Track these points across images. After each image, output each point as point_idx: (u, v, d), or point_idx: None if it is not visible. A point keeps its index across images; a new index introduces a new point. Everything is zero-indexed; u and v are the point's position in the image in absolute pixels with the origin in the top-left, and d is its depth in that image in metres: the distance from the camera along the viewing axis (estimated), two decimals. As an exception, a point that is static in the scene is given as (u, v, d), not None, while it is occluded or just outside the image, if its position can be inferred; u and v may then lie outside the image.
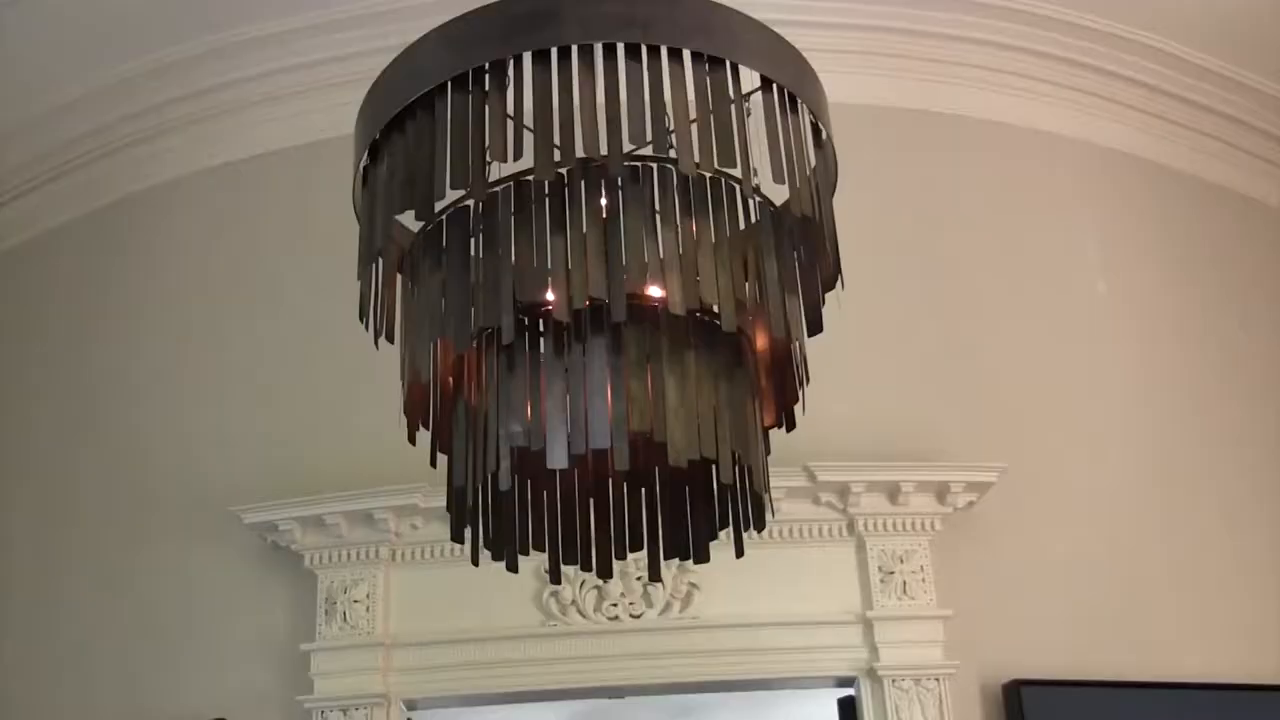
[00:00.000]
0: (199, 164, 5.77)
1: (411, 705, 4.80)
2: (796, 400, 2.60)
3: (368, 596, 4.80)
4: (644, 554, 2.77)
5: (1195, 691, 4.81)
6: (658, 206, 2.26)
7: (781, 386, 2.63)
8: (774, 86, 2.31)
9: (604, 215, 2.26)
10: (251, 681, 4.89)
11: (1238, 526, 5.27)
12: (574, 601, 4.75)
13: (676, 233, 2.26)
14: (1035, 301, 5.46)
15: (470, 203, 2.33)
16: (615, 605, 4.76)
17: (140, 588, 5.14)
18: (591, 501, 2.75)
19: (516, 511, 2.67)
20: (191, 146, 5.77)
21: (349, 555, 4.84)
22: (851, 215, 3.00)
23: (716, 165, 2.21)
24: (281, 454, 5.16)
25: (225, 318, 5.47)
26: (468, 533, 2.61)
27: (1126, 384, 5.41)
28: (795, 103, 2.34)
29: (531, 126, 2.17)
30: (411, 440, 2.58)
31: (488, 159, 2.20)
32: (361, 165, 2.41)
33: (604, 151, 2.14)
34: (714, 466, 2.51)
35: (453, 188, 2.22)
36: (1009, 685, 4.72)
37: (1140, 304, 5.60)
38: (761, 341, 2.57)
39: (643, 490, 2.76)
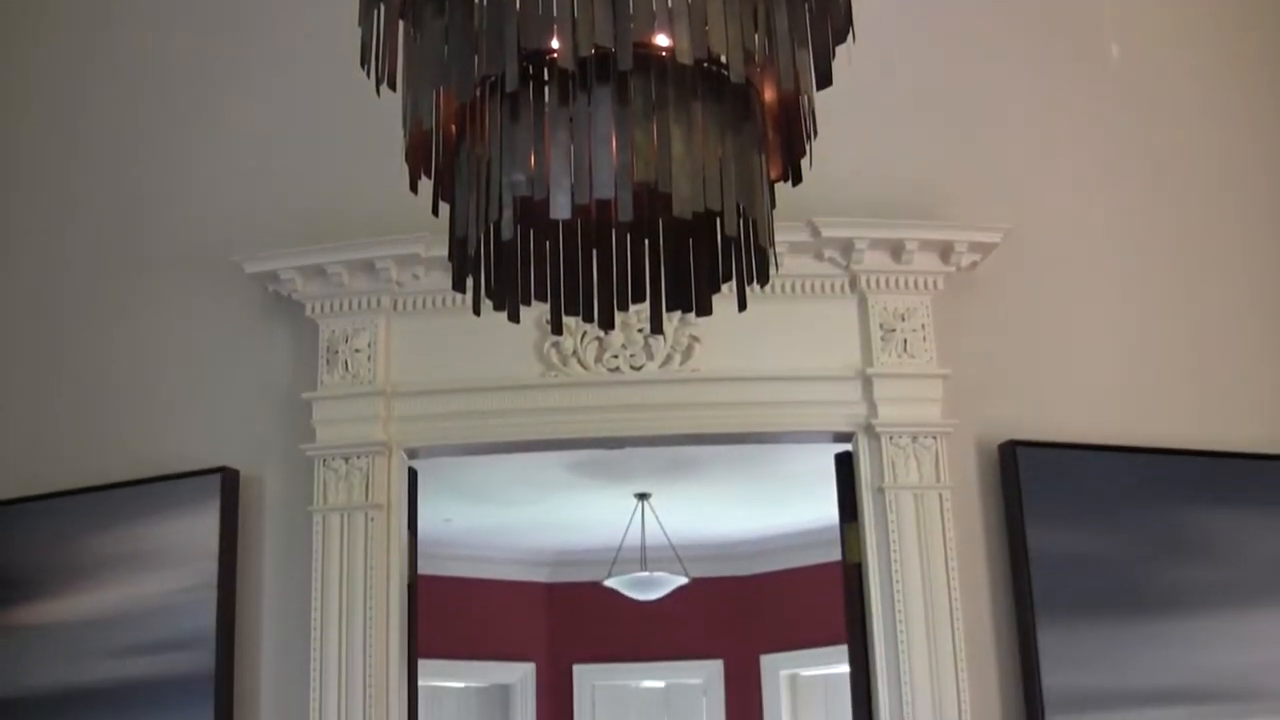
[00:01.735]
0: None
1: (412, 453, 4.86)
2: (804, 154, 2.56)
3: (369, 346, 4.83)
4: (646, 305, 2.77)
5: (1191, 458, 4.87)
6: (666, -47, 2.21)
7: (788, 140, 2.60)
8: None
9: (611, -40, 2.20)
10: (254, 431, 4.94)
11: (1240, 297, 5.27)
12: (575, 352, 4.78)
13: (685, -19, 2.21)
14: (1049, 62, 5.36)
15: (474, -56, 2.27)
16: (616, 357, 4.79)
17: (141, 339, 5.17)
18: (594, 252, 2.73)
19: (518, 261, 2.66)
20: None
21: (350, 305, 4.85)
22: (864, -35, 2.92)
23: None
24: (282, 204, 5.13)
25: (223, 66, 5.38)
26: (469, 282, 2.60)
27: (1138, 150, 5.34)
28: None
29: None
30: (413, 189, 2.55)
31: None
32: (361, -95, 2.34)
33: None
34: (718, 219, 2.49)
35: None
36: (1005, 445, 4.77)
37: (1156, 68, 5.48)
38: (769, 94, 2.53)
39: (646, 242, 2.75)
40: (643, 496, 9.64)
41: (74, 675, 4.76)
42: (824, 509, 5.55)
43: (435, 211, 2.60)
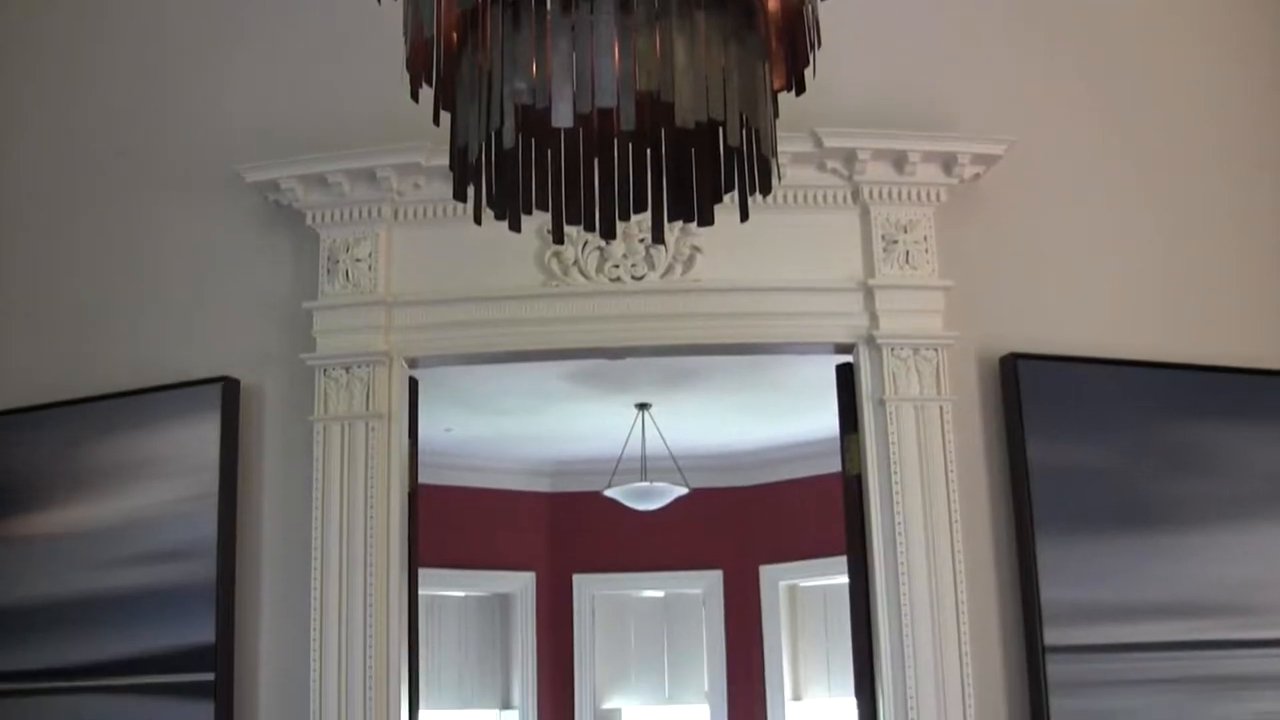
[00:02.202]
0: None
1: (413, 363, 4.86)
2: (807, 64, 2.55)
3: (370, 255, 4.81)
4: (647, 215, 2.76)
5: (1192, 372, 4.87)
6: None
7: (792, 50, 2.58)
8: None
9: None
10: (255, 340, 4.94)
11: (1244, 213, 5.24)
12: (576, 262, 4.76)
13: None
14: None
15: None
16: (617, 267, 4.77)
17: (141, 248, 5.15)
18: (596, 161, 2.72)
19: (520, 170, 2.65)
20: None
21: (351, 214, 4.83)
22: None
23: None
24: (282, 113, 5.10)
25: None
26: (470, 191, 2.60)
27: (1141, 65, 5.30)
28: None
29: None
30: (415, 97, 2.53)
31: None
32: None
33: None
34: (721, 128, 2.48)
35: None
36: (1006, 358, 4.77)
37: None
38: (773, 3, 2.51)
39: (648, 151, 2.74)
40: (643, 407, 9.65)
41: (75, 585, 4.79)
42: (824, 420, 5.57)
43: (436, 120, 2.59)
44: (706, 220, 2.72)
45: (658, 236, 2.82)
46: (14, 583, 4.87)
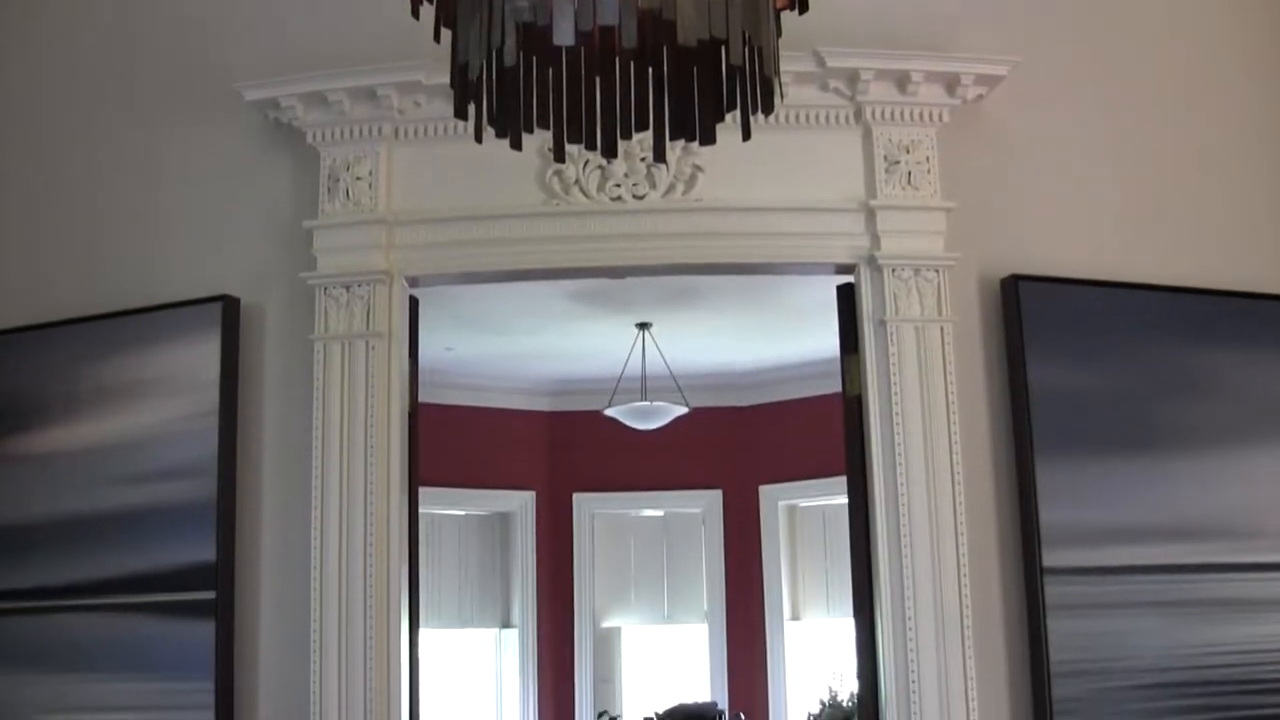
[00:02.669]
0: None
1: (413, 282, 4.85)
2: (810, -19, 2.53)
3: (370, 174, 4.79)
4: (649, 134, 2.75)
5: (1194, 296, 4.86)
6: None
7: (796, -33, 2.56)
8: None
9: None
10: (255, 259, 4.93)
11: (1248, 136, 5.21)
12: (577, 181, 4.75)
13: None
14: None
15: None
16: (618, 186, 4.76)
17: (142, 168, 5.13)
18: (597, 79, 2.71)
19: (521, 88, 2.64)
20: None
21: (351, 132, 4.81)
22: None
23: None
24: (283, 30, 5.07)
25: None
26: (471, 109, 2.58)
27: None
28: None
29: None
30: (415, 14, 2.51)
31: None
32: None
33: None
34: (723, 47, 2.46)
35: None
36: (1007, 280, 4.76)
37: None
38: (777, -82, 2.49)
39: (649, 69, 2.72)
40: (644, 326, 9.65)
41: (76, 504, 4.81)
42: (825, 341, 5.57)
43: (437, 38, 2.57)
44: (708, 139, 2.71)
45: (659, 155, 2.81)
46: (15, 502, 4.89)
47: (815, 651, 11.26)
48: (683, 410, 9.92)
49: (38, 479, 4.87)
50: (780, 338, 10.13)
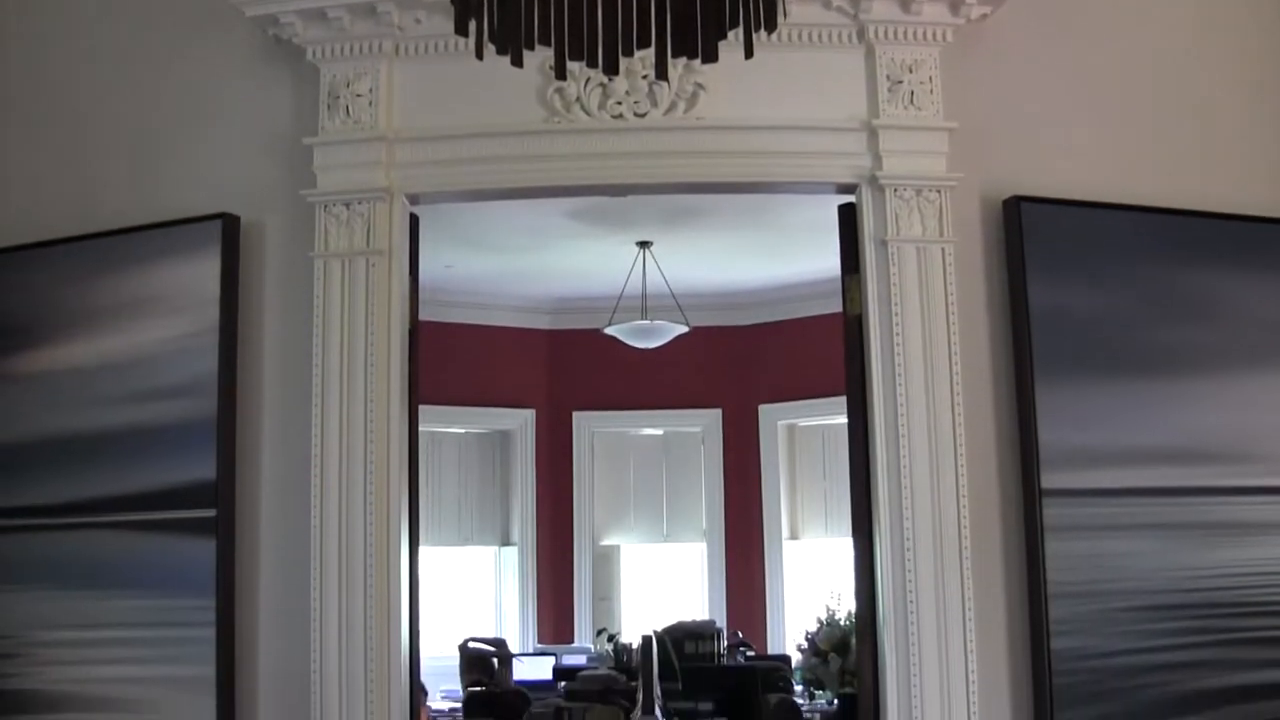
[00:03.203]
0: None
1: (414, 199, 4.84)
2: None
3: (370, 91, 4.77)
4: (651, 51, 2.73)
5: (1196, 219, 4.85)
6: None
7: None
8: None
9: None
10: (255, 177, 4.90)
11: (1252, 56, 5.17)
12: (578, 98, 4.72)
13: None
14: None
15: None
16: (620, 103, 4.73)
17: (141, 85, 5.10)
18: (599, -4, 2.69)
19: (522, 4, 2.62)
20: None
21: (352, 49, 4.77)
22: None
23: None
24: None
25: None
26: (472, 26, 2.56)
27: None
28: None
29: None
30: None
31: None
32: None
33: None
34: (727, -37, 2.44)
35: None
36: (1009, 201, 4.74)
37: None
38: None
39: (652, -14, 2.70)
40: (644, 244, 9.63)
41: (77, 422, 4.81)
42: (825, 261, 5.56)
43: (436, -48, 2.55)
44: (710, 56, 2.69)
45: (661, 72, 2.80)
46: (15, 420, 4.90)
47: (813, 571, 11.33)
48: (683, 329, 9.92)
49: (39, 397, 4.88)
50: (781, 257, 10.11)
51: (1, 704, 4.77)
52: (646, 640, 5.79)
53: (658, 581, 12.18)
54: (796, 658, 7.90)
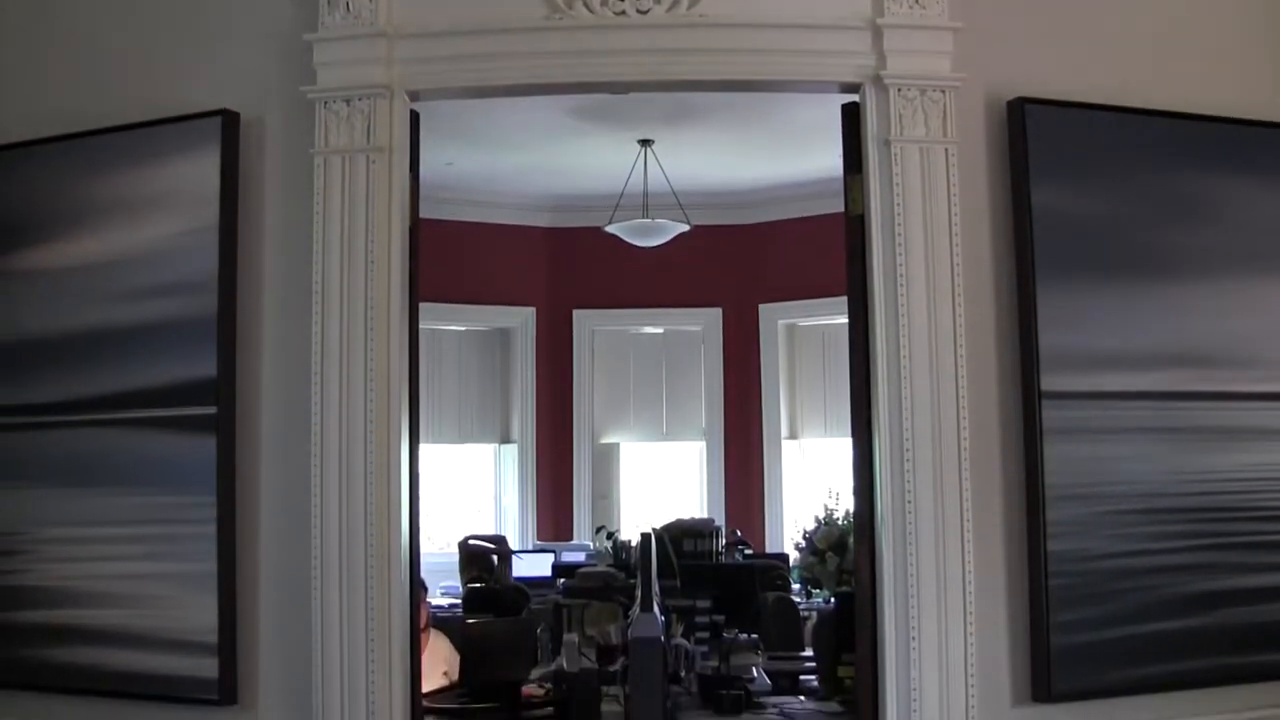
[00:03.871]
0: None
1: (414, 96, 4.80)
2: None
3: (370, -14, 4.73)
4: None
5: (1201, 122, 4.82)
6: None
7: None
8: None
9: None
10: (254, 73, 4.85)
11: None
12: (581, -6, 4.69)
13: None
14: None
15: None
16: (623, 0, 4.69)
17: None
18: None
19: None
20: None
21: (351, -58, 4.73)
22: None
23: None
24: None
25: None
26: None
27: None
28: None
29: None
30: None
31: None
32: None
33: None
34: None
35: None
36: (1013, 102, 4.71)
37: None
38: None
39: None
40: (646, 143, 9.60)
41: (76, 319, 4.80)
42: (827, 160, 5.54)
43: None
44: (715, -45, 2.67)
45: (664, -29, 2.77)
46: (14, 317, 4.88)
47: (812, 470, 11.39)
48: (684, 228, 9.91)
49: (37, 295, 4.86)
50: (783, 156, 10.08)
51: (5, 599, 4.80)
52: (645, 538, 5.82)
53: (657, 480, 12.26)
54: (794, 556, 7.97)
